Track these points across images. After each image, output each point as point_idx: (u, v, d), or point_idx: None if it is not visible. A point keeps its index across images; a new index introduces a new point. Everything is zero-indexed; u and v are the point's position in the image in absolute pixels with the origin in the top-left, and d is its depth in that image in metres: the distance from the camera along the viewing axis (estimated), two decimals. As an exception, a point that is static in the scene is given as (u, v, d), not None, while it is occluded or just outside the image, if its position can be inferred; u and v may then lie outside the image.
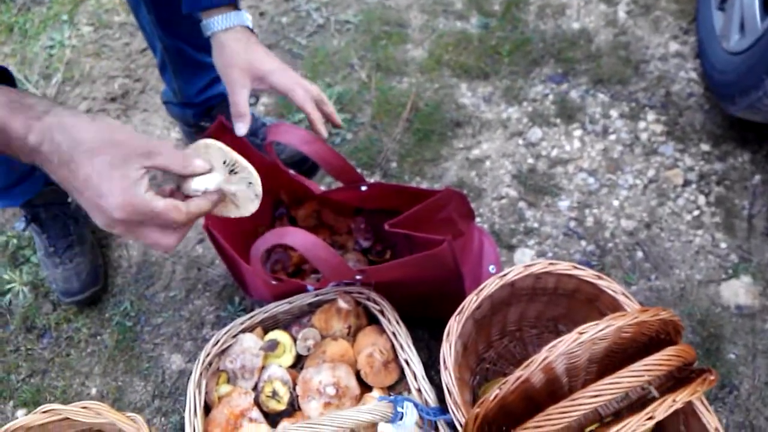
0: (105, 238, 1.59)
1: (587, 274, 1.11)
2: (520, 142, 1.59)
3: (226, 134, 1.23)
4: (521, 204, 1.51)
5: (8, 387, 1.44)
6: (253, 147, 1.27)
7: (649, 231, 1.45)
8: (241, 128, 1.11)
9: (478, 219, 1.49)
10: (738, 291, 1.37)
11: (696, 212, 1.46)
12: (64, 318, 1.51)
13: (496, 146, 1.59)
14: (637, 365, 0.83)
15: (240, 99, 1.08)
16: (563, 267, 1.13)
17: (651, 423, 0.78)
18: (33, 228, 1.51)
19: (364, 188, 1.25)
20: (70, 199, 1.53)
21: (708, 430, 0.98)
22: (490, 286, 1.13)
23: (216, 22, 1.07)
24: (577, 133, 1.58)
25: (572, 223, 1.47)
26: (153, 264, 1.55)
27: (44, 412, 1.16)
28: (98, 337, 1.48)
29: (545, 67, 1.69)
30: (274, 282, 1.17)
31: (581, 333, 0.84)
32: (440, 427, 1.06)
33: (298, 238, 1.01)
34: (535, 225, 1.48)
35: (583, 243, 1.45)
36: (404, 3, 1.87)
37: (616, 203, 1.49)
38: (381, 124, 1.65)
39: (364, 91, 1.71)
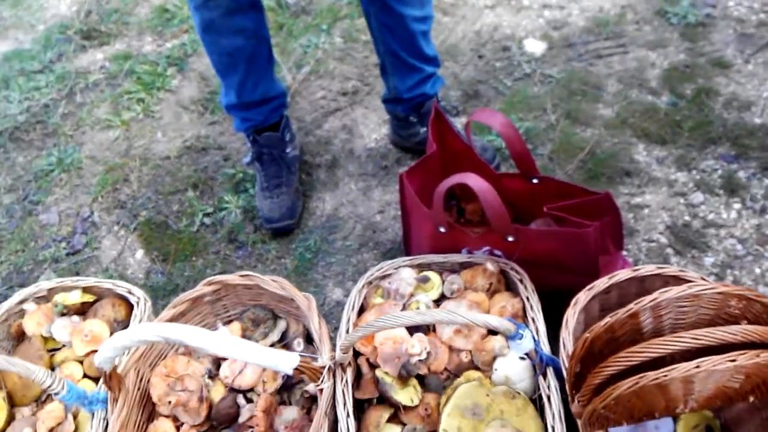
0: (309, 189, 1.94)
1: (717, 285, 1.23)
2: (681, 201, 1.74)
3: (440, 118, 1.54)
4: (668, 250, 1.65)
5: (203, 277, 1.78)
6: (454, 130, 1.56)
7: (786, 302, 1.52)
8: None
9: (625, 253, 1.65)
10: None
11: (839, 298, 1.51)
12: (260, 239, 1.85)
13: (659, 199, 1.75)
14: (735, 327, 0.97)
15: None
16: (693, 275, 1.27)
17: (731, 365, 0.91)
18: (255, 165, 1.89)
19: (535, 180, 1.48)
20: (288, 150, 1.90)
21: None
22: (621, 274, 1.30)
23: None
24: (737, 206, 1.71)
25: (712, 278, 1.58)
26: (340, 218, 1.86)
27: (242, 275, 1.47)
28: (282, 260, 1.80)
29: (720, 147, 1.84)
30: (442, 230, 1.42)
31: (690, 287, 1.00)
32: (548, 374, 1.22)
33: (477, 181, 1.26)
34: (677, 271, 1.61)
35: (719, 297, 1.55)
36: (605, 71, 2.12)
37: (758, 271, 1.58)
38: (557, 158, 1.88)
39: (550, 130, 1.96)
